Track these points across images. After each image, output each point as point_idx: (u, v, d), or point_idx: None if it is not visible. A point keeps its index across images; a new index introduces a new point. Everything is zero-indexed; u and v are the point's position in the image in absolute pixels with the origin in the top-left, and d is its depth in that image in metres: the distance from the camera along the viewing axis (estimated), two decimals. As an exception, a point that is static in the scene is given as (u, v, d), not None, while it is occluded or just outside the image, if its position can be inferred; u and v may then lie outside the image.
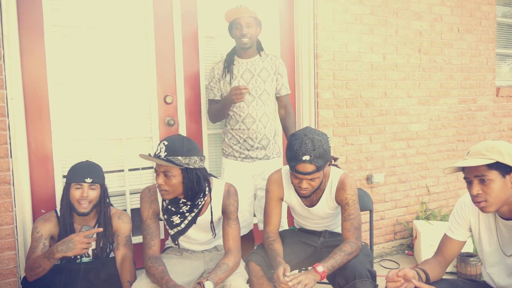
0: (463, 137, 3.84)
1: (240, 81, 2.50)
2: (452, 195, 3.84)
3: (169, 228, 1.98)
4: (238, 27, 2.46)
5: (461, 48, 3.73)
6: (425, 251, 3.13)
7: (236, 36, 2.49)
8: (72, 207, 2.00)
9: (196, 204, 1.91)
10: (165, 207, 1.94)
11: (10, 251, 2.27)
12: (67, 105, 2.49)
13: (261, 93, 2.52)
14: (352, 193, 1.99)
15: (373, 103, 3.34)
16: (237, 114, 2.51)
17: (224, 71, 2.54)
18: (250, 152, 2.53)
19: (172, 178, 1.79)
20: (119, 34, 2.58)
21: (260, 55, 2.58)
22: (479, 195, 1.57)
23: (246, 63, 2.54)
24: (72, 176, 2.01)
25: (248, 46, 2.49)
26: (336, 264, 1.82)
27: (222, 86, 2.55)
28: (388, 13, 3.33)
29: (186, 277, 1.90)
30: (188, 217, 1.94)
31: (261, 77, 2.53)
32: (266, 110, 2.53)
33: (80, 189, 1.98)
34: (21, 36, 2.32)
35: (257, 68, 2.54)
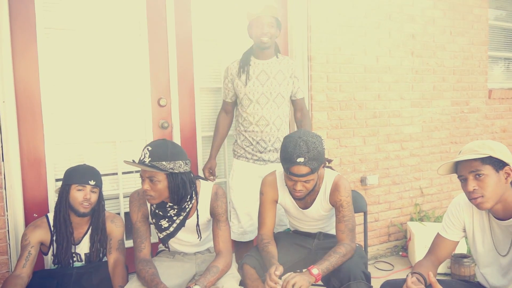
0: (456, 139, 3.87)
1: (255, 82, 2.47)
2: (446, 196, 3.86)
3: (158, 231, 1.97)
4: (260, 25, 2.40)
5: (453, 50, 3.76)
6: (419, 252, 3.15)
7: (256, 34, 2.44)
8: (72, 208, 1.98)
9: (183, 208, 1.91)
10: (153, 211, 1.93)
11: (2, 255, 2.24)
12: (60, 107, 2.47)
13: (275, 96, 2.49)
14: (346, 194, 1.99)
15: (367, 105, 3.35)
16: (250, 116, 2.48)
17: (240, 71, 2.49)
18: (263, 155, 2.52)
19: (158, 183, 1.78)
20: (112, 37, 2.57)
21: (277, 57, 2.54)
22: (475, 191, 1.58)
23: (262, 64, 2.50)
24: (74, 177, 1.98)
25: (267, 46, 2.44)
26: (330, 266, 1.82)
27: (236, 86, 2.51)
28: (381, 16, 3.35)
29: (177, 279, 1.89)
30: (176, 221, 1.93)
31: (277, 79, 2.50)
32: (280, 113, 2.51)
33: (83, 191, 1.97)
34: (13, 38, 2.31)
35: (273, 70, 2.50)
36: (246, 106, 2.49)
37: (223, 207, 1.96)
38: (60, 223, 1.99)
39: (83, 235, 2.06)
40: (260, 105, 2.48)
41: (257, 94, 2.48)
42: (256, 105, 2.48)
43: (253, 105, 2.48)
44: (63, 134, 2.48)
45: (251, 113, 2.49)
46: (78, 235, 2.05)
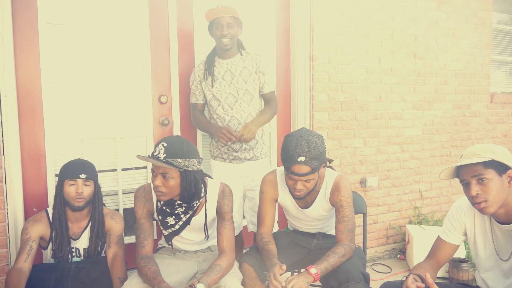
0: (457, 142, 3.86)
1: (222, 82, 2.46)
2: (445, 200, 3.85)
3: (163, 228, 1.96)
4: (219, 26, 2.40)
5: (456, 53, 3.76)
6: (417, 255, 3.14)
7: (216, 36, 2.44)
8: (66, 203, 1.99)
9: (192, 206, 1.90)
10: (160, 208, 1.92)
11: (1, 249, 2.25)
12: (61, 103, 2.47)
13: (243, 94, 2.47)
14: (347, 195, 1.99)
15: (368, 106, 3.35)
16: (221, 118, 2.47)
17: (205, 73, 2.49)
18: (239, 154, 2.50)
19: (170, 180, 1.77)
20: (114, 33, 2.57)
21: (241, 54, 2.52)
22: (478, 195, 1.56)
23: (226, 63, 2.49)
24: (66, 173, 2.00)
25: (228, 47, 2.43)
26: (329, 266, 1.81)
27: (204, 88, 2.50)
28: (384, 17, 3.35)
29: (178, 276, 1.88)
30: (183, 219, 1.92)
31: (242, 77, 2.48)
32: (250, 110, 2.49)
33: (75, 185, 1.98)
34: (15, 33, 2.31)
35: (237, 68, 2.48)
36: (215, 107, 2.47)
37: (229, 206, 1.96)
38: (56, 219, 2.00)
39: (83, 230, 2.06)
40: (229, 105, 2.46)
41: (224, 94, 2.46)
42: (225, 105, 2.46)
43: (222, 106, 2.46)
44: (64, 129, 2.48)
45: (221, 114, 2.47)
46: (78, 230, 2.05)
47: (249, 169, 2.50)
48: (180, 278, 1.88)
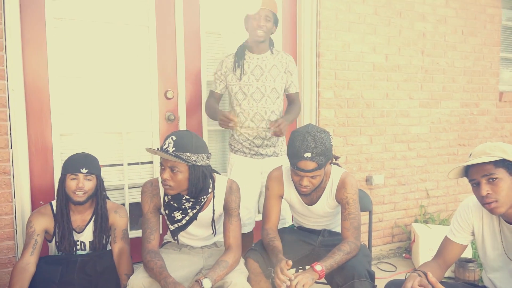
0: (464, 141, 3.83)
1: (250, 77, 2.46)
2: (452, 199, 3.83)
3: (170, 223, 1.96)
4: (256, 17, 2.39)
5: (464, 51, 3.72)
6: (423, 254, 3.12)
7: (252, 27, 2.42)
8: (68, 197, 2.00)
9: (199, 201, 1.90)
10: (167, 202, 1.92)
11: (9, 241, 2.27)
12: (68, 97, 2.48)
13: (270, 91, 2.47)
14: (353, 192, 1.98)
15: (375, 104, 3.33)
16: (245, 112, 2.47)
17: (235, 65, 2.48)
18: (260, 149, 2.50)
19: (179, 173, 1.78)
20: (121, 28, 2.58)
21: (272, 52, 2.53)
22: (488, 195, 1.53)
23: (257, 58, 2.48)
24: (68, 167, 1.99)
25: (262, 39, 2.42)
26: (334, 263, 1.81)
27: (230, 80, 2.49)
28: (391, 13, 3.32)
29: (184, 271, 1.89)
30: (190, 213, 1.92)
31: (271, 74, 2.48)
32: (275, 108, 2.50)
33: (76, 180, 1.97)
34: (23, 27, 2.32)
35: (267, 65, 2.48)
36: (241, 101, 2.47)
37: (237, 202, 1.96)
38: (59, 212, 2.00)
39: (87, 223, 2.07)
40: (254, 100, 2.46)
41: (251, 88, 2.46)
42: (250, 100, 2.45)
43: (248, 100, 2.46)
44: (70, 123, 2.49)
45: (246, 109, 2.46)
46: (81, 223, 2.06)
47: (269, 166, 2.48)
48: (186, 273, 1.88)
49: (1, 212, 2.24)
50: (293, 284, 1.66)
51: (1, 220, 2.24)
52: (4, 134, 2.22)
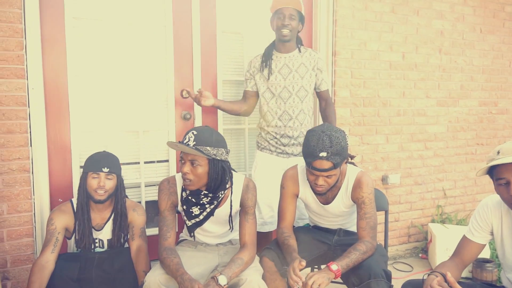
0: (483, 140, 3.77)
1: (278, 76, 2.46)
2: (469, 199, 3.77)
3: (187, 219, 1.98)
4: (281, 17, 2.39)
5: (483, 49, 3.66)
6: (440, 255, 3.09)
7: (277, 26, 2.42)
8: (88, 195, 2.03)
9: (217, 196, 1.92)
10: (185, 198, 1.93)
11: (28, 237, 2.31)
12: (86, 96, 2.51)
13: (298, 90, 2.47)
14: (369, 191, 1.97)
15: (391, 102, 3.30)
16: (273, 111, 2.47)
17: (262, 65, 2.49)
18: (286, 148, 2.50)
19: (199, 167, 1.80)
20: (138, 28, 2.60)
21: (300, 50, 2.51)
22: None
23: (284, 57, 2.48)
24: (90, 165, 2.03)
25: (287, 38, 2.42)
26: (350, 263, 1.80)
27: (258, 79, 2.50)
28: (409, 11, 3.28)
29: (200, 268, 1.90)
30: (207, 209, 1.94)
31: (299, 73, 2.48)
32: (303, 107, 2.49)
33: (97, 179, 2.01)
34: (43, 27, 2.36)
35: (295, 64, 2.48)
36: (268, 100, 2.48)
37: (253, 200, 1.98)
38: (80, 209, 2.04)
39: (106, 221, 2.10)
40: (282, 99, 2.46)
41: (279, 88, 2.46)
42: (278, 99, 2.46)
43: (275, 99, 2.46)
44: (89, 122, 2.53)
45: (273, 108, 2.47)
46: (101, 221, 2.09)
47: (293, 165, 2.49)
48: (202, 271, 1.90)
49: (21, 209, 2.28)
50: (309, 283, 1.66)
51: (20, 217, 2.29)
52: (24, 132, 2.26)
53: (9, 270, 2.28)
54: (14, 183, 2.25)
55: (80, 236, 2.03)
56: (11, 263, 2.28)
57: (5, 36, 2.19)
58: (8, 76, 2.21)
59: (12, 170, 2.25)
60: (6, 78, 2.21)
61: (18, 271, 2.30)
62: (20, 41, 2.23)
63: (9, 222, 2.26)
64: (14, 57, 2.21)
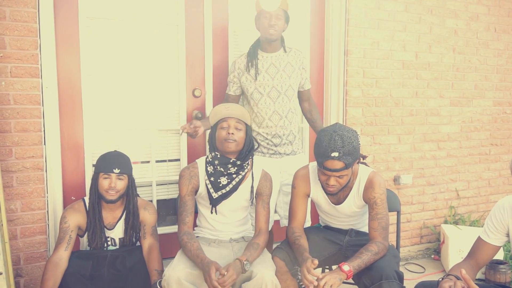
0: (497, 141, 3.71)
1: (265, 76, 2.44)
2: (483, 200, 3.72)
3: (214, 191, 2.06)
4: (267, 16, 2.37)
5: (497, 48, 3.60)
6: (453, 256, 3.05)
7: (263, 26, 2.40)
8: (100, 195, 2.04)
9: (243, 167, 2.08)
10: (212, 171, 2.06)
11: (41, 235, 2.34)
12: (99, 95, 2.54)
13: (286, 89, 2.45)
14: (381, 192, 1.95)
15: (403, 102, 3.27)
16: (263, 111, 2.45)
17: (248, 65, 2.46)
18: (278, 148, 2.49)
19: (241, 131, 2.05)
20: (150, 27, 2.61)
21: (285, 50, 2.50)
22: None
23: (270, 57, 2.47)
24: (101, 166, 2.04)
25: (274, 38, 2.40)
26: (362, 264, 1.79)
27: (245, 80, 2.47)
28: (422, 10, 3.25)
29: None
30: (234, 180, 2.06)
31: (286, 72, 2.46)
32: (291, 106, 2.49)
33: (108, 179, 2.01)
34: (57, 26, 2.38)
35: (282, 63, 2.47)
36: (257, 100, 2.44)
37: (270, 189, 2.15)
38: (91, 210, 2.05)
39: (117, 220, 2.11)
40: (271, 99, 2.44)
41: (268, 87, 2.44)
42: (267, 99, 2.43)
43: (264, 99, 2.44)
44: (101, 121, 2.55)
45: (263, 108, 2.44)
46: (112, 220, 2.10)
47: (287, 164, 2.48)
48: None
49: (34, 207, 2.31)
50: (320, 284, 1.65)
51: (34, 214, 2.31)
52: (38, 130, 2.29)
53: (22, 267, 2.31)
54: (28, 181, 2.28)
55: (92, 236, 2.05)
56: (24, 261, 2.31)
57: (20, 35, 2.22)
58: (22, 75, 2.24)
59: (26, 168, 2.28)
60: (21, 77, 2.23)
61: (31, 269, 2.33)
62: (35, 40, 2.25)
63: (22, 219, 2.29)
64: (29, 56, 2.24)
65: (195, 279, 1.82)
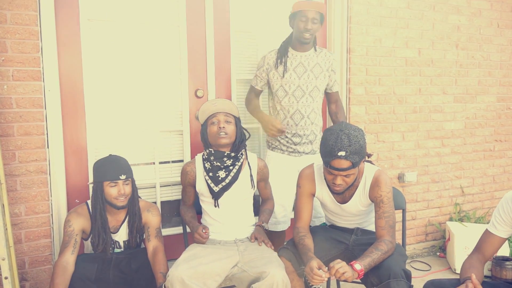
0: (501, 137, 3.69)
1: (292, 74, 2.45)
2: (488, 196, 3.70)
3: (214, 185, 2.11)
4: (303, 19, 2.37)
5: (501, 44, 3.58)
6: (458, 253, 3.03)
7: (298, 28, 2.40)
8: (109, 203, 2.01)
9: (238, 158, 2.15)
10: (210, 167, 2.13)
11: (46, 238, 2.33)
12: (101, 97, 2.52)
13: (311, 89, 2.47)
14: (387, 190, 1.94)
15: (407, 99, 3.25)
16: (285, 109, 2.46)
17: (277, 62, 2.47)
18: (298, 147, 2.49)
19: (231, 124, 2.14)
20: (152, 28, 2.60)
21: (315, 49, 2.51)
22: None
23: (300, 56, 2.47)
24: (104, 174, 1.99)
25: (308, 41, 2.42)
26: (372, 263, 1.77)
27: (272, 76, 2.47)
28: (424, 6, 3.23)
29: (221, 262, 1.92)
30: (232, 171, 2.12)
31: (314, 72, 2.48)
32: (314, 106, 2.49)
33: (116, 187, 1.99)
34: (58, 29, 2.37)
35: (310, 63, 2.48)
36: (281, 98, 2.46)
37: (268, 173, 2.31)
38: (97, 217, 2.02)
39: (121, 223, 2.09)
40: (295, 98, 2.45)
41: (293, 86, 2.45)
42: (291, 98, 2.45)
43: (288, 98, 2.45)
44: (104, 123, 2.54)
45: (286, 106, 2.46)
46: (116, 224, 2.09)
47: (306, 163, 2.46)
48: (223, 265, 1.91)
49: (38, 211, 2.30)
50: (336, 266, 1.67)
51: (38, 218, 2.30)
52: (41, 134, 2.28)
53: (27, 271, 2.30)
54: (31, 185, 2.27)
55: (97, 240, 2.03)
56: (29, 264, 2.31)
57: (21, 39, 2.21)
58: (24, 78, 2.22)
59: (30, 172, 2.27)
60: (23, 80, 2.22)
61: (36, 272, 2.32)
62: (36, 43, 2.24)
63: (27, 223, 2.28)
64: (31, 59, 2.23)
65: (199, 278, 1.81)
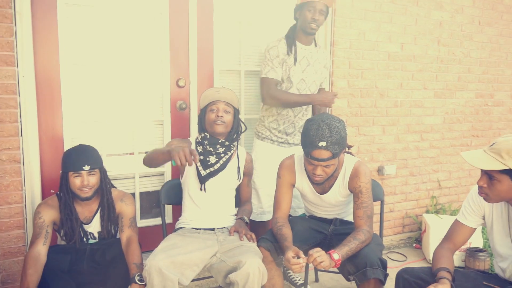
0: (478, 132, 3.77)
1: (298, 66, 2.48)
2: (464, 190, 3.78)
3: (203, 169, 2.13)
4: (312, 10, 2.38)
5: (481, 41, 3.64)
6: (433, 244, 3.09)
7: (305, 19, 2.40)
8: (74, 194, 1.96)
9: (230, 148, 2.18)
10: (203, 150, 2.15)
11: (19, 229, 2.26)
12: (79, 85, 2.46)
13: (311, 83, 2.53)
14: (366, 181, 1.95)
15: (388, 94, 3.28)
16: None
17: (288, 51, 2.45)
18: (289, 137, 2.55)
19: (229, 114, 2.16)
20: (132, 14, 2.54)
21: (315, 45, 2.56)
22: (483, 188, 1.61)
23: (305, 49, 2.51)
24: (69, 164, 1.93)
25: (314, 32, 2.45)
26: (350, 252, 1.79)
27: (285, 65, 2.46)
28: (408, 1, 3.25)
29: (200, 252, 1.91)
30: (222, 159, 2.15)
31: (314, 67, 2.53)
32: None
33: (80, 177, 1.92)
34: (34, 13, 2.29)
35: (312, 57, 2.53)
36: (288, 89, 2.48)
37: (252, 170, 2.35)
38: (64, 208, 1.96)
39: (94, 214, 2.04)
40: (298, 90, 2.49)
41: (297, 78, 2.49)
42: (294, 90, 2.48)
43: (293, 90, 2.48)
44: (82, 111, 2.47)
45: None
46: (89, 214, 2.03)
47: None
48: (202, 255, 1.91)
49: (11, 201, 2.23)
50: (314, 255, 1.67)
51: (11, 209, 2.23)
52: (14, 121, 2.20)
53: None
54: (4, 174, 2.20)
55: (69, 232, 1.97)
56: (1, 256, 2.24)
57: (-6, 22, 2.12)
58: (-3, 63, 2.14)
59: (2, 161, 2.19)
60: (-4, 65, 2.14)
61: (9, 264, 2.26)
62: (10, 27, 2.15)
63: (-1, 213, 2.21)
64: (4, 44, 2.14)
65: (176, 267, 1.79)
